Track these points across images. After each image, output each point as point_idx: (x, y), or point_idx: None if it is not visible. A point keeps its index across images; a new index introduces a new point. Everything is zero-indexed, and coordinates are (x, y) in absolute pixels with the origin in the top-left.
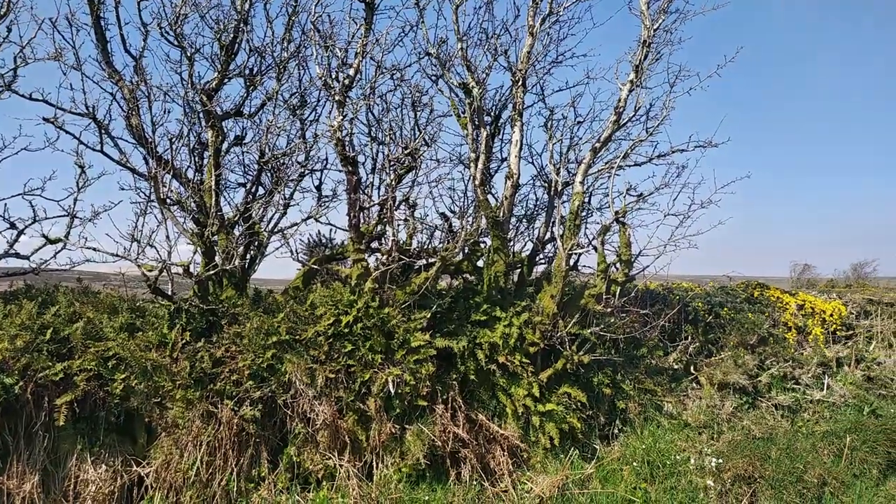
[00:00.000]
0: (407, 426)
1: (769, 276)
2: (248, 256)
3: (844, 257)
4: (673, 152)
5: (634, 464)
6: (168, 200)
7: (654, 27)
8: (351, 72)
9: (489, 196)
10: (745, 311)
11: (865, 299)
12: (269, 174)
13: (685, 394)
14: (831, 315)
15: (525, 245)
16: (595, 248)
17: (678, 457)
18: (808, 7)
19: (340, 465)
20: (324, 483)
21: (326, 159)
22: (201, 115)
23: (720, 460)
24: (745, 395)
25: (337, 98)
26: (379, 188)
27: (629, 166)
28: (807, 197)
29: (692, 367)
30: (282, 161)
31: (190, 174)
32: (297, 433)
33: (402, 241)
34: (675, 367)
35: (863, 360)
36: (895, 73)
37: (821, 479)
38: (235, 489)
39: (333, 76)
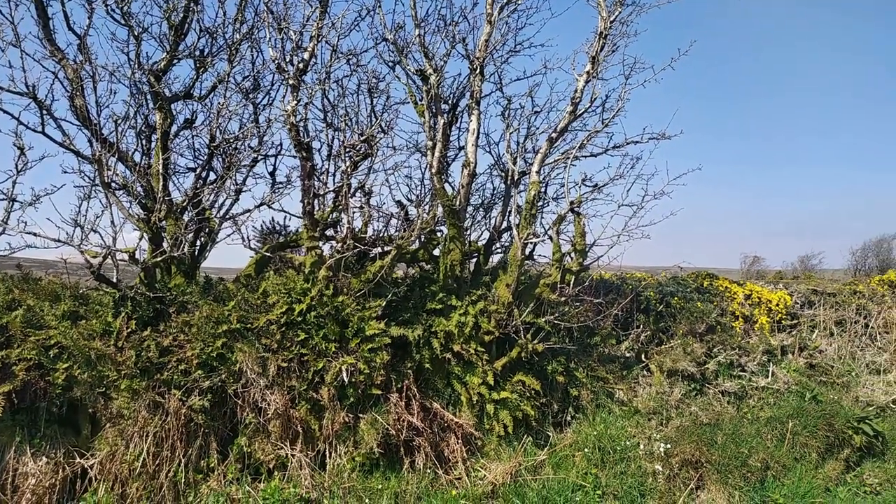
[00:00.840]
0: (361, 415)
1: (721, 268)
2: (197, 243)
3: (793, 249)
4: (628, 143)
5: (586, 450)
6: (113, 184)
7: (611, 19)
8: (305, 55)
9: (446, 185)
10: (695, 300)
11: (810, 290)
12: (220, 159)
13: (636, 381)
14: (777, 304)
15: (482, 234)
16: (550, 238)
17: (628, 442)
18: None
19: (292, 455)
20: (275, 473)
21: (280, 145)
22: (149, 96)
23: (668, 446)
24: (693, 382)
25: (291, 82)
26: (334, 175)
27: (585, 157)
28: (759, 188)
29: (643, 355)
30: (234, 146)
31: (137, 157)
32: (247, 423)
33: (357, 229)
34: (627, 354)
35: (806, 347)
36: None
37: (764, 464)
38: (183, 480)
39: (287, 59)
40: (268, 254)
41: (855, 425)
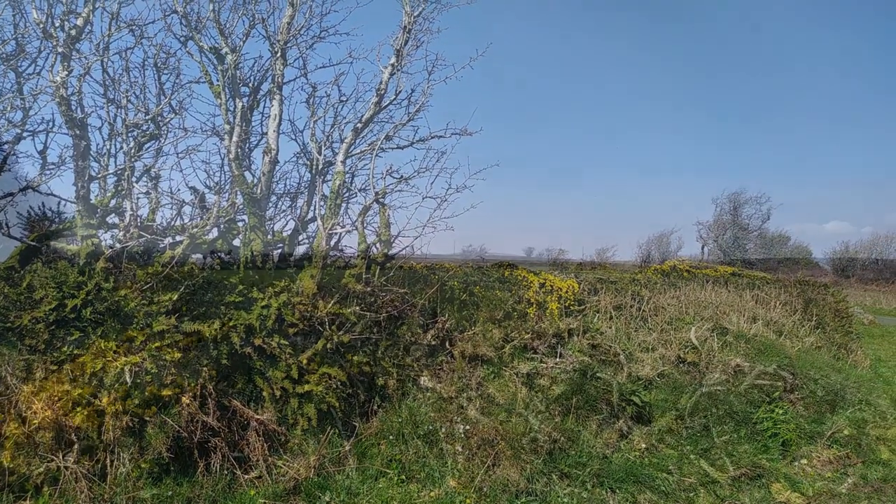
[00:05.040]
0: (148, 419)
1: (533, 260)
2: None
3: (591, 243)
4: (432, 138)
5: (391, 437)
6: None
7: (415, 14)
8: (79, 22)
9: (247, 172)
10: (496, 289)
11: (596, 278)
12: None
13: (440, 367)
14: (566, 292)
15: (287, 224)
16: (356, 229)
17: (431, 427)
18: None
19: (65, 468)
20: (45, 488)
21: (52, 120)
22: None
23: (468, 427)
24: (491, 366)
25: (61, 50)
26: (116, 156)
27: (392, 149)
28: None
29: (447, 342)
30: None
31: None
32: (8, 436)
33: (143, 217)
34: (433, 342)
35: (589, 330)
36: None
37: (552, 437)
38: None
39: (57, 24)
40: (34, 243)
41: (627, 398)
